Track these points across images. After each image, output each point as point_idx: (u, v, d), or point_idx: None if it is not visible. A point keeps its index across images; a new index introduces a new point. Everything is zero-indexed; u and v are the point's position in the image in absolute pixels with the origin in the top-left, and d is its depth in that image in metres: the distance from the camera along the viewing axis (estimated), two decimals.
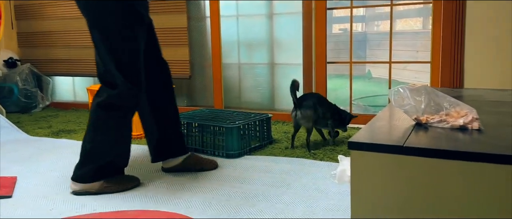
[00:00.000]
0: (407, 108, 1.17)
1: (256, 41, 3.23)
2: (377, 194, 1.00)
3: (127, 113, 1.76)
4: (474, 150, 0.93)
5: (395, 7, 5.80)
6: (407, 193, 0.97)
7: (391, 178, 0.99)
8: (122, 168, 1.83)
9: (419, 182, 0.96)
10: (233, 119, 2.36)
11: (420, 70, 4.87)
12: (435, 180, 0.95)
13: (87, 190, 1.73)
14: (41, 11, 3.83)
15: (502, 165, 0.89)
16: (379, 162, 0.99)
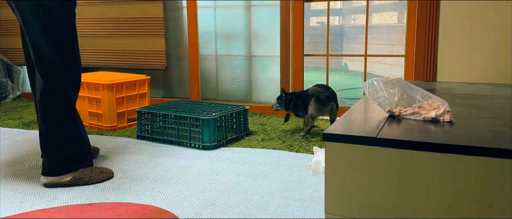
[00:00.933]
0: (381, 100, 1.18)
1: (234, 33, 3.21)
2: (351, 185, 1.01)
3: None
4: (445, 142, 0.95)
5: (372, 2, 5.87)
6: (380, 184, 0.99)
7: (365, 169, 1.00)
8: (89, 158, 1.79)
9: (392, 173, 0.98)
10: (210, 110, 2.35)
11: (394, 64, 4.96)
12: (407, 171, 0.97)
13: (57, 182, 1.69)
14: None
15: (473, 156, 0.91)
16: (353, 153, 1.00)
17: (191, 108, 2.43)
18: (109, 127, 2.61)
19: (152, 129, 2.39)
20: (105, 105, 2.59)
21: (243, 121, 2.42)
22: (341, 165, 1.02)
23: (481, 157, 0.90)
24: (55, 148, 1.69)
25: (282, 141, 2.29)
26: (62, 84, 1.66)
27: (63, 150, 1.70)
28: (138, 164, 1.96)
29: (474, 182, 0.91)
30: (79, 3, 3.36)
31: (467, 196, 0.92)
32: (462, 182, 0.92)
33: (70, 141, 1.72)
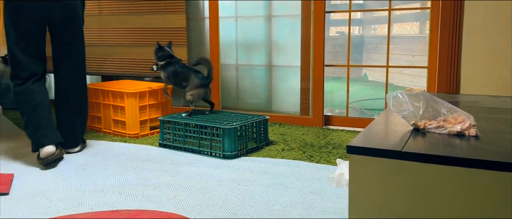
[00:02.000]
0: (406, 113, 1.18)
1: (255, 43, 3.24)
2: (375, 198, 1.01)
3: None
4: (471, 156, 0.94)
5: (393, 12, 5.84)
6: (405, 198, 0.99)
7: (389, 182, 1.00)
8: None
9: (417, 187, 0.97)
10: (231, 120, 2.37)
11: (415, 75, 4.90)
12: (432, 186, 0.96)
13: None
14: None
15: (499, 171, 0.90)
16: (377, 167, 1.00)
17: (212, 117, 2.46)
18: (132, 134, 2.66)
19: (174, 138, 2.43)
20: (129, 113, 2.64)
21: (264, 131, 2.44)
22: (365, 178, 1.02)
23: (508, 173, 0.89)
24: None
25: (303, 152, 2.29)
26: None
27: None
28: (160, 172, 1.99)
29: (500, 198, 0.90)
30: (106, 13, 3.44)
31: (493, 212, 0.91)
32: (488, 197, 0.91)
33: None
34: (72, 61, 2.31)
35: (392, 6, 2.82)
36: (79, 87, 2.35)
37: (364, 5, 7.27)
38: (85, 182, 1.87)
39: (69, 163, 2.15)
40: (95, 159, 2.21)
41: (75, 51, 2.31)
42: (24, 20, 2.13)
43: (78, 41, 2.32)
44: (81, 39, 2.34)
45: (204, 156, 2.25)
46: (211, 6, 3.19)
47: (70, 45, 2.29)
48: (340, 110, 3.42)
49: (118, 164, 2.12)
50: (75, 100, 2.33)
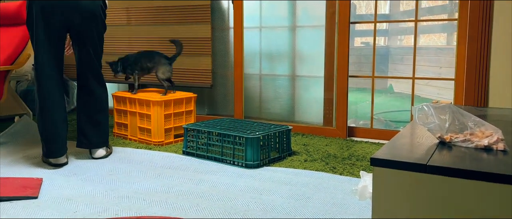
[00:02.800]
0: (431, 126, 1.17)
1: (278, 53, 3.25)
2: (399, 212, 1.00)
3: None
4: (499, 171, 0.92)
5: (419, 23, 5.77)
6: (430, 213, 0.97)
7: (414, 196, 0.98)
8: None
9: (442, 201, 0.96)
10: (253, 129, 2.38)
11: (442, 87, 4.81)
12: (458, 200, 0.94)
13: (106, 154, 2.40)
14: None
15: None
16: (402, 180, 0.99)
17: (235, 126, 2.48)
18: (157, 142, 2.71)
19: (197, 146, 2.45)
20: (154, 121, 2.69)
21: (286, 141, 2.44)
22: (390, 191, 1.01)
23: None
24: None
25: (325, 163, 2.28)
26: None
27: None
28: (183, 180, 2.02)
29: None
30: (135, 23, 3.52)
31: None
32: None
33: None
34: (93, 66, 2.33)
35: (419, 17, 2.79)
36: (100, 90, 2.37)
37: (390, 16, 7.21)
38: (110, 187, 1.91)
39: (96, 169, 2.20)
40: (120, 165, 2.26)
41: (95, 56, 2.33)
42: (45, 22, 2.16)
43: (97, 46, 2.33)
44: (100, 45, 2.36)
45: (226, 165, 2.27)
46: (236, 16, 3.23)
47: (90, 50, 2.30)
48: (364, 121, 3.39)
49: (143, 170, 2.16)
50: (95, 102, 2.35)
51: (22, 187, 1.87)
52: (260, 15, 3.28)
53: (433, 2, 6.75)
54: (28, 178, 2.01)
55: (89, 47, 2.29)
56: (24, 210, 1.65)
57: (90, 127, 2.35)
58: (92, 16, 2.24)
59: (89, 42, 2.28)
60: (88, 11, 2.22)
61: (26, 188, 1.86)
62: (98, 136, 2.37)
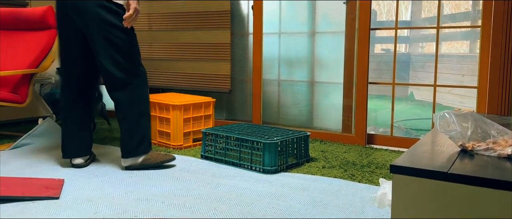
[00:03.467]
0: (453, 134, 1.15)
1: (297, 59, 3.25)
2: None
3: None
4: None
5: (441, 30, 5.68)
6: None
7: (434, 204, 0.97)
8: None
9: (463, 210, 0.94)
10: (272, 134, 2.38)
11: (465, 95, 4.72)
12: (479, 210, 0.93)
13: (133, 163, 2.22)
14: None
15: None
16: (422, 188, 0.98)
17: (253, 131, 2.48)
18: (176, 145, 2.73)
19: (216, 150, 2.47)
20: (174, 125, 2.72)
21: (304, 147, 2.43)
22: (409, 199, 1.00)
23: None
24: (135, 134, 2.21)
25: (344, 170, 2.26)
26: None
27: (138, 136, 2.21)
28: (201, 184, 2.03)
29: None
30: (156, 29, 3.57)
31: None
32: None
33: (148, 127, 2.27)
34: (111, 79, 2.16)
35: (441, 24, 2.75)
36: (122, 97, 2.19)
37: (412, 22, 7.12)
38: (130, 190, 1.94)
39: (116, 171, 2.23)
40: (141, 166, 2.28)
41: (112, 66, 2.14)
42: (62, 24, 2.16)
43: (112, 52, 2.12)
44: (131, 45, 2.18)
45: (243, 170, 2.27)
46: (256, 23, 3.24)
47: (99, 57, 2.13)
48: (384, 128, 3.35)
49: (162, 173, 2.18)
50: (122, 112, 2.21)
51: (44, 187, 1.91)
52: (280, 21, 3.29)
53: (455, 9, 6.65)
54: (50, 179, 2.05)
55: (100, 57, 2.12)
56: (46, 210, 1.69)
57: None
58: (92, 18, 2.06)
59: (98, 49, 2.11)
60: (84, 11, 2.06)
61: (48, 189, 1.90)
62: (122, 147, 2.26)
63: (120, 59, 2.14)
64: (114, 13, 2.10)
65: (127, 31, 2.15)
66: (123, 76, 2.16)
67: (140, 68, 2.24)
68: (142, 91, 2.22)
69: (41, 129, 2.86)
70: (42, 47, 3.03)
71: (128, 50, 2.16)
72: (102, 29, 2.08)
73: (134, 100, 2.19)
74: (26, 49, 3.06)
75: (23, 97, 2.85)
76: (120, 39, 2.13)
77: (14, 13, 3.16)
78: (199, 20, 3.41)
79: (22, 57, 3.01)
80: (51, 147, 2.72)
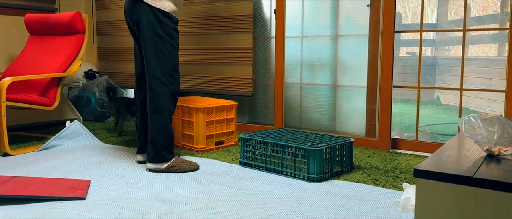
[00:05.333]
0: (479, 138, 1.13)
1: (320, 62, 3.24)
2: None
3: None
4: None
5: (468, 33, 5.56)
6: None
7: (459, 210, 0.95)
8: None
9: (488, 216, 0.92)
10: (314, 141, 2.28)
11: (492, 99, 4.60)
12: (505, 215, 0.90)
13: (157, 168, 2.26)
14: (120, 28, 4.13)
15: None
16: (446, 193, 0.96)
17: (293, 137, 2.38)
18: (199, 148, 2.76)
19: (255, 156, 2.37)
20: (197, 128, 2.75)
21: (347, 154, 2.30)
22: (433, 204, 0.98)
23: None
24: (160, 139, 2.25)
25: (367, 175, 2.23)
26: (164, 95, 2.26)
27: (164, 142, 2.25)
28: (223, 186, 2.04)
29: None
30: (182, 33, 3.63)
31: None
32: None
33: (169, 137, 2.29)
34: (147, 72, 2.25)
35: (468, 26, 2.69)
36: (150, 102, 2.25)
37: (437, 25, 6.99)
38: (154, 191, 1.97)
39: (140, 173, 2.27)
40: None
41: (146, 62, 2.24)
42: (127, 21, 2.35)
43: (146, 51, 2.22)
44: (150, 50, 2.21)
45: (266, 173, 2.27)
46: (278, 26, 3.25)
47: (143, 54, 2.25)
48: (409, 133, 3.29)
49: (185, 176, 2.21)
50: (149, 114, 2.27)
51: (71, 188, 1.97)
52: (302, 24, 3.29)
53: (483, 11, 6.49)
54: (77, 180, 2.10)
55: (143, 55, 2.26)
56: (72, 210, 1.73)
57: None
58: (136, 20, 2.22)
59: (142, 49, 2.27)
60: (131, 12, 2.25)
61: (75, 189, 1.95)
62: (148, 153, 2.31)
63: (154, 63, 2.26)
64: (148, 14, 2.22)
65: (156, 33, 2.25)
66: (152, 80, 2.25)
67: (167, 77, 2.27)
68: (163, 100, 2.25)
69: (68, 131, 2.94)
70: (70, 51, 3.11)
71: (157, 55, 2.26)
72: (143, 30, 2.24)
73: (156, 109, 2.25)
74: (55, 54, 3.15)
75: (51, 100, 2.94)
76: (152, 43, 2.25)
77: (44, 19, 3.27)
78: (222, 24, 3.44)
79: (51, 61, 3.11)
80: (78, 148, 2.79)
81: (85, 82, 4.08)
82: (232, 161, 2.53)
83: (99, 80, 4.04)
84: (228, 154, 2.70)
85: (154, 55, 2.21)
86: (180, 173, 2.27)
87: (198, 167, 2.34)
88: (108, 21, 4.22)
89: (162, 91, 2.22)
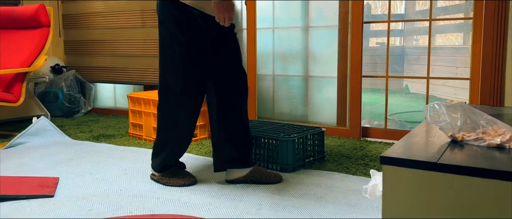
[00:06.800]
0: (443, 125, 1.16)
1: (291, 53, 3.25)
2: (409, 210, 1.00)
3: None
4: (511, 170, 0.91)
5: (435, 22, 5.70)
6: (440, 211, 0.96)
7: (424, 195, 0.98)
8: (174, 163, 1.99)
9: (453, 200, 0.95)
10: (287, 131, 2.28)
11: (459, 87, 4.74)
12: (469, 199, 0.94)
13: (157, 179, 1.98)
14: (87, 21, 4.02)
15: None
16: (411, 178, 0.99)
17: (267, 128, 2.37)
18: None
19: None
20: None
21: (319, 143, 2.32)
22: (399, 190, 1.00)
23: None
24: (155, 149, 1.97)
25: (338, 163, 2.27)
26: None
27: (159, 155, 1.95)
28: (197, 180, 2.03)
29: None
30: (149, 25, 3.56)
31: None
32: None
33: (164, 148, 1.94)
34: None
35: (434, 16, 2.75)
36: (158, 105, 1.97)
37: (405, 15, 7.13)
38: (125, 187, 1.94)
39: (111, 169, 2.23)
40: (135, 165, 2.29)
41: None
42: None
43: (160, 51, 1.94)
44: (161, 51, 1.93)
45: None
46: (249, 18, 3.24)
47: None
48: (378, 121, 3.36)
49: None
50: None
51: (38, 186, 1.91)
52: (273, 16, 3.29)
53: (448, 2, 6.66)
54: (44, 177, 2.05)
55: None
56: (40, 208, 1.69)
57: None
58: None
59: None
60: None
61: (43, 187, 1.90)
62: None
63: (161, 64, 1.96)
64: (163, 10, 1.86)
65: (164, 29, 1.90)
66: (161, 78, 1.96)
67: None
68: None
69: (35, 127, 2.85)
70: (34, 45, 3.02)
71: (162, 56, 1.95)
72: (160, 30, 1.92)
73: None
74: (19, 48, 3.05)
75: (16, 96, 2.84)
76: (161, 41, 1.92)
77: (7, 12, 3.15)
78: None
79: (14, 56, 3.00)
80: (46, 145, 2.72)
81: (52, 77, 3.96)
82: (205, 153, 2.51)
83: (67, 75, 3.94)
84: (201, 147, 2.68)
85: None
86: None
87: (194, 181, 1.99)
88: (74, 14, 4.10)
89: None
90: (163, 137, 1.94)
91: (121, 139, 2.95)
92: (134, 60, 3.79)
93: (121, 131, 3.21)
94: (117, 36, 3.86)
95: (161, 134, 1.95)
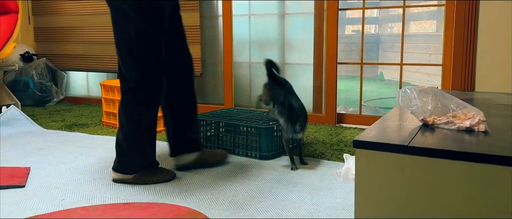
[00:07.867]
0: (414, 109, 1.18)
1: (268, 41, 3.24)
2: (381, 193, 1.01)
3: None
4: (479, 151, 0.93)
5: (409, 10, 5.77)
6: (411, 193, 0.98)
7: (396, 177, 1.00)
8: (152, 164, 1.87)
9: (424, 182, 0.97)
10: (266, 119, 2.28)
11: (432, 73, 4.83)
12: (439, 181, 0.96)
13: (122, 179, 1.80)
14: (58, 7, 3.90)
15: (507, 166, 0.89)
16: (383, 161, 1.00)
17: (245, 116, 2.37)
18: None
19: (207, 137, 2.35)
20: None
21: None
22: (372, 173, 1.02)
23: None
24: (124, 149, 1.81)
25: (314, 149, 2.29)
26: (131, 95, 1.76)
27: (129, 154, 1.80)
28: (172, 167, 2.02)
29: (509, 193, 0.89)
30: None
31: (502, 207, 0.90)
32: (497, 193, 0.90)
33: (136, 147, 1.81)
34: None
35: (407, 3, 2.79)
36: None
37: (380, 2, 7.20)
38: (99, 176, 1.91)
39: (85, 157, 2.19)
40: (109, 154, 2.25)
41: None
42: None
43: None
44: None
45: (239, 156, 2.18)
46: (225, 4, 3.20)
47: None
48: (353, 108, 3.40)
49: None
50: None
51: (9, 176, 1.86)
52: (249, 2, 3.26)
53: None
54: (15, 167, 2.00)
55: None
56: (11, 199, 1.64)
57: None
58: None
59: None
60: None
61: (13, 177, 1.85)
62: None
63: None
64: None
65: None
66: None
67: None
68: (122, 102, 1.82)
69: (4, 117, 2.77)
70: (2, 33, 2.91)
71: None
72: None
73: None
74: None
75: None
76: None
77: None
78: None
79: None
80: (16, 135, 2.64)
81: (21, 65, 3.84)
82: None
83: (37, 63, 3.82)
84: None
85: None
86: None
87: (173, 176, 1.89)
88: (44, 0, 3.97)
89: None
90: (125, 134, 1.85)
91: (95, 128, 2.89)
92: (107, 47, 3.71)
93: (95, 120, 3.15)
94: (89, 22, 3.76)
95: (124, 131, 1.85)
